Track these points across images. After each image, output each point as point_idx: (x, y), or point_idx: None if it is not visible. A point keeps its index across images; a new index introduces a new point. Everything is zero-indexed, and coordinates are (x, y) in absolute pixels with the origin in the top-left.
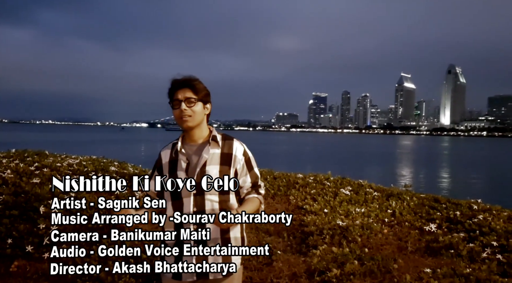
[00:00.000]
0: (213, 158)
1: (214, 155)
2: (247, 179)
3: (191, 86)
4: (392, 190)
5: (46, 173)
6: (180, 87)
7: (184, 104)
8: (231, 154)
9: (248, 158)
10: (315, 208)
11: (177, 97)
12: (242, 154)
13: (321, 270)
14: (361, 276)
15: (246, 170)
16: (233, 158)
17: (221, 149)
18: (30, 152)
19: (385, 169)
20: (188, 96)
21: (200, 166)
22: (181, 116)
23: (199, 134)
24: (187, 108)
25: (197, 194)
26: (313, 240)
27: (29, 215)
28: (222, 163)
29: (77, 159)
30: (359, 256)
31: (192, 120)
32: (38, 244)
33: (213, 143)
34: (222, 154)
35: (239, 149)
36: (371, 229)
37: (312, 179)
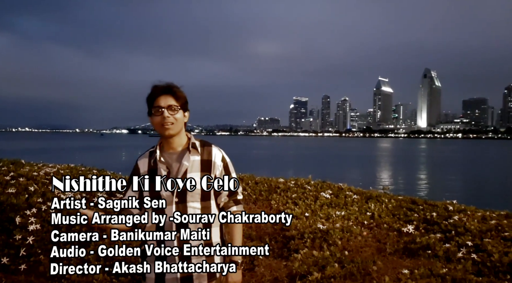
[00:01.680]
0: (193, 165)
1: (195, 162)
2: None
3: (173, 93)
4: (371, 193)
5: (22, 183)
6: (162, 94)
7: (166, 111)
8: (211, 160)
9: (226, 164)
10: (296, 212)
11: (159, 104)
12: (221, 159)
13: (302, 274)
14: (342, 278)
15: (223, 175)
16: (213, 164)
17: (201, 155)
18: (5, 161)
19: (364, 172)
20: (171, 104)
21: (181, 174)
22: (163, 123)
23: (178, 141)
24: (169, 115)
25: (179, 202)
26: (294, 244)
27: (5, 225)
28: (203, 169)
29: (54, 168)
30: (339, 259)
31: (174, 128)
32: (14, 255)
33: (193, 150)
34: (202, 161)
35: (218, 155)
36: (351, 231)
37: (293, 183)
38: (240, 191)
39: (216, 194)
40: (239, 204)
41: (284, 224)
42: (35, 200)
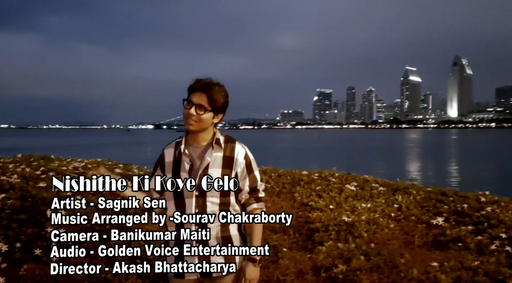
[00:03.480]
0: (215, 161)
1: (217, 158)
2: (246, 182)
3: (208, 94)
4: (398, 184)
5: (52, 177)
6: (199, 90)
7: (194, 109)
8: (233, 157)
9: (249, 161)
10: (320, 205)
11: (191, 98)
12: (243, 157)
13: (327, 266)
14: (368, 271)
15: (246, 173)
16: (235, 161)
17: (223, 152)
18: (36, 157)
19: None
20: (201, 104)
21: (202, 169)
22: (187, 118)
23: (203, 137)
24: (195, 114)
25: (199, 196)
26: (319, 236)
27: (37, 218)
28: (224, 166)
29: (82, 162)
30: (365, 251)
31: (196, 126)
32: (46, 247)
33: (216, 146)
34: (224, 157)
35: (241, 152)
36: (377, 224)
37: (317, 175)
38: (262, 189)
39: (237, 190)
40: (260, 202)
41: (308, 216)
42: (65, 194)
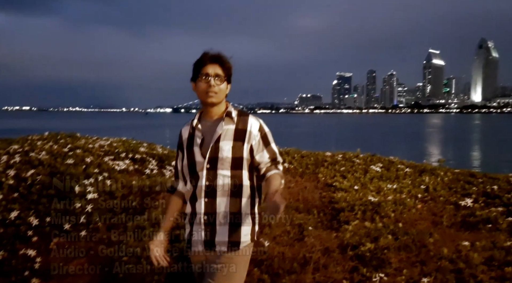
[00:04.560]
0: (227, 134)
1: (228, 130)
2: (264, 154)
3: (221, 63)
4: (425, 166)
5: (79, 154)
6: (211, 62)
7: (213, 80)
8: (245, 129)
9: (264, 133)
10: (345, 185)
11: (207, 71)
12: (258, 129)
13: (354, 244)
14: (396, 250)
15: (263, 145)
16: (248, 134)
17: (236, 124)
18: (62, 135)
19: (414, 148)
20: (219, 73)
21: (213, 141)
22: (208, 91)
23: (217, 111)
24: (215, 84)
25: (210, 168)
26: (344, 216)
27: (66, 194)
28: (236, 138)
29: (107, 141)
30: (392, 231)
31: (217, 97)
32: (74, 222)
33: (228, 119)
34: (236, 130)
35: (255, 125)
36: (404, 204)
37: (341, 156)
38: (281, 161)
39: (255, 163)
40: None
41: (333, 197)
42: (92, 171)
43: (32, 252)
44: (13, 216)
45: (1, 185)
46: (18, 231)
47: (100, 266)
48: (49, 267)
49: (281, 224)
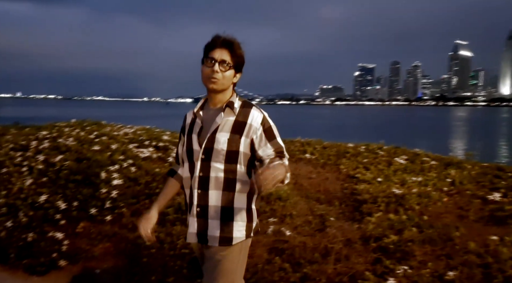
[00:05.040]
0: (225, 125)
1: (228, 121)
2: (268, 148)
3: (231, 49)
4: (451, 159)
5: (105, 141)
6: (220, 47)
7: (217, 65)
8: (245, 122)
9: (268, 127)
10: (367, 177)
11: (213, 55)
12: (260, 123)
13: (377, 236)
14: (420, 243)
15: (265, 140)
16: (247, 127)
17: (237, 116)
18: (89, 122)
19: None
20: (224, 59)
21: (210, 132)
22: (210, 76)
23: (221, 98)
24: (219, 71)
25: (204, 159)
26: (367, 207)
27: (91, 180)
28: (234, 131)
29: (132, 129)
30: (417, 223)
31: (219, 84)
32: (100, 207)
33: (228, 109)
34: (236, 122)
35: (256, 117)
36: (429, 197)
37: (364, 148)
38: (287, 157)
39: (258, 157)
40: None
41: (355, 188)
42: (117, 157)
43: (60, 235)
44: (42, 200)
45: (31, 170)
46: (47, 214)
47: (124, 250)
48: (76, 249)
49: (302, 214)
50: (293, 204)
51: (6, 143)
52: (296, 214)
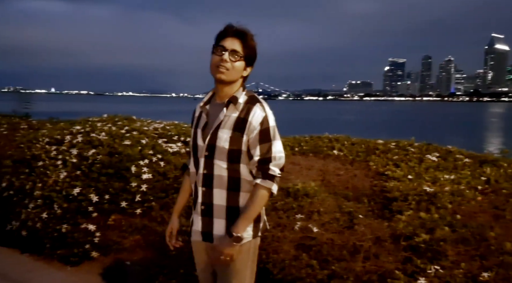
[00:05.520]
0: (227, 122)
1: (230, 118)
2: (256, 151)
3: (243, 39)
4: (486, 156)
5: (135, 136)
6: (231, 36)
7: (227, 55)
8: (247, 119)
9: (266, 128)
10: (398, 174)
11: (224, 44)
12: (260, 122)
13: (408, 235)
14: (453, 242)
15: (258, 140)
16: (248, 125)
17: (240, 112)
18: (120, 117)
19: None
20: (235, 49)
21: (213, 128)
22: (219, 65)
23: (228, 92)
24: (228, 61)
25: (208, 156)
26: (397, 205)
27: (122, 174)
28: (235, 128)
29: (161, 124)
30: (450, 222)
31: (227, 74)
32: (131, 200)
33: (231, 105)
34: (238, 119)
35: (258, 116)
36: (462, 196)
37: (394, 145)
38: (277, 165)
39: (249, 159)
40: (267, 179)
41: (385, 186)
42: (147, 152)
43: (92, 227)
44: (76, 192)
45: (65, 163)
46: (80, 206)
47: (153, 243)
48: (107, 241)
49: (330, 211)
50: (321, 200)
51: (42, 137)
52: (323, 211)
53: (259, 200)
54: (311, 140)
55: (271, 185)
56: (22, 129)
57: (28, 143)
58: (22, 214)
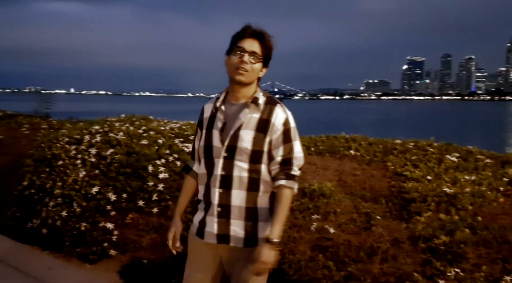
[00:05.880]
0: (250, 122)
1: (252, 119)
2: (279, 151)
3: (262, 40)
4: (509, 157)
5: (152, 136)
6: (251, 37)
7: (247, 56)
8: (270, 120)
9: (288, 129)
10: (416, 175)
11: (243, 45)
12: (282, 123)
13: (427, 237)
14: (474, 245)
15: (281, 141)
16: (271, 126)
17: (261, 113)
18: (137, 117)
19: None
20: (255, 51)
21: (234, 129)
22: (239, 67)
23: (244, 93)
24: (248, 62)
25: (227, 157)
26: (415, 206)
27: (139, 173)
28: (258, 129)
29: (177, 124)
30: (470, 224)
31: (247, 76)
32: (147, 199)
33: (253, 106)
34: (260, 119)
35: (280, 117)
36: (483, 197)
37: (413, 145)
38: (298, 165)
39: (269, 159)
40: (290, 179)
41: (403, 186)
42: (163, 151)
43: (111, 225)
44: (94, 191)
45: (84, 162)
46: (99, 205)
47: None
48: (125, 240)
49: (347, 212)
50: (337, 201)
51: (62, 136)
52: (340, 212)
53: (287, 201)
54: (327, 140)
55: (294, 185)
56: (43, 129)
57: (48, 142)
58: (43, 212)
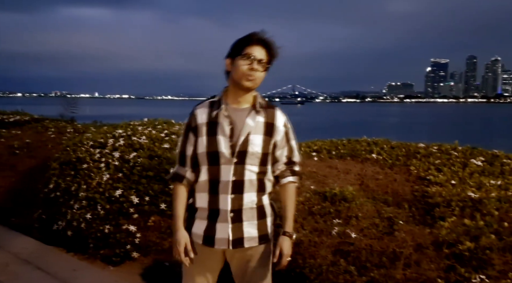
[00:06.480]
0: (257, 127)
1: (259, 123)
2: (284, 152)
3: (269, 49)
4: None
5: (174, 140)
6: (259, 45)
7: (256, 63)
8: (273, 123)
9: (287, 129)
10: (440, 179)
11: (253, 52)
12: (283, 124)
13: (451, 242)
14: (500, 251)
15: (285, 141)
16: (275, 128)
17: (265, 117)
18: (160, 121)
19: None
20: (263, 59)
21: (245, 133)
22: (248, 74)
23: (247, 98)
24: (257, 69)
25: (238, 163)
26: (439, 211)
27: (162, 176)
28: (266, 132)
29: None
30: (496, 230)
31: (255, 83)
32: (169, 202)
33: (260, 110)
34: (266, 123)
35: (280, 119)
36: (510, 202)
37: (436, 148)
38: (299, 161)
39: (274, 160)
40: (295, 175)
41: (426, 191)
42: None
43: (133, 228)
44: (118, 194)
45: (108, 165)
46: (122, 207)
47: None
48: (147, 242)
49: (369, 216)
50: (359, 205)
51: (87, 140)
52: (362, 216)
53: (295, 196)
54: (348, 143)
55: (298, 180)
56: (68, 133)
57: (73, 146)
58: (68, 215)
